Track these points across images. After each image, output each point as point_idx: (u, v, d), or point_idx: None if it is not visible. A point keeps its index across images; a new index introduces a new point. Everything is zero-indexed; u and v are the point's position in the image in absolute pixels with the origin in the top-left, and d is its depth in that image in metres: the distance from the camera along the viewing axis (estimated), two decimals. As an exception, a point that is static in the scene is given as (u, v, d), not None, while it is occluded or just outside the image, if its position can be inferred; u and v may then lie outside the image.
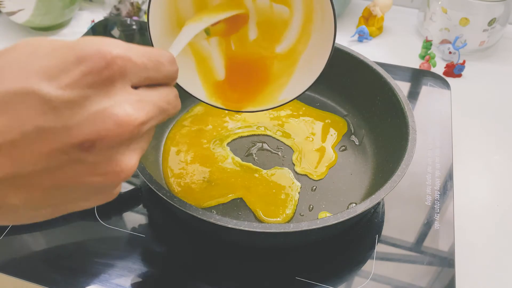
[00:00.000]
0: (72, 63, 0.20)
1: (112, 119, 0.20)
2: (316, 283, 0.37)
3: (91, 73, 0.20)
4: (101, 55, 0.20)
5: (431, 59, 0.63)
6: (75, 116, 0.20)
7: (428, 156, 0.47)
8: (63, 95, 0.19)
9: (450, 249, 0.39)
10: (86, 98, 0.20)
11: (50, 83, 0.19)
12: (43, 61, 0.20)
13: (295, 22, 0.37)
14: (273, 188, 0.44)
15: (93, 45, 0.21)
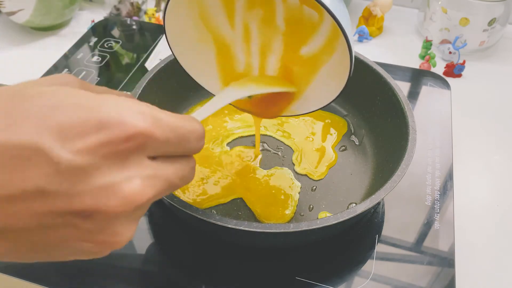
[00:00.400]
0: (91, 128, 0.19)
1: (117, 195, 0.19)
2: (316, 283, 0.37)
3: (108, 144, 0.19)
4: (124, 128, 0.19)
5: (431, 59, 0.63)
6: (80, 184, 0.19)
7: (428, 156, 0.47)
8: (73, 161, 0.18)
9: (450, 249, 0.39)
10: (96, 168, 0.19)
11: (64, 145, 0.18)
12: (61, 117, 0.18)
13: (323, 28, 0.36)
14: (273, 188, 0.44)
15: (118, 111, 0.19)
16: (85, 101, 0.19)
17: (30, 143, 0.18)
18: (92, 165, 0.19)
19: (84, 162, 0.18)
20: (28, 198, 0.18)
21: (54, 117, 0.18)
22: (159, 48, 0.63)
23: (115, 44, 0.64)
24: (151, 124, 0.20)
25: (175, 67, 0.48)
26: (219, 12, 0.36)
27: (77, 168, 0.18)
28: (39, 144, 0.18)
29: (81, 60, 0.61)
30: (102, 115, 0.19)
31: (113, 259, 0.38)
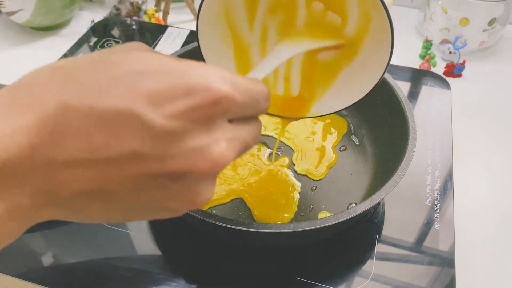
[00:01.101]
0: (180, 93, 0.19)
1: (207, 158, 0.20)
2: (316, 283, 0.37)
3: (197, 108, 0.20)
4: (211, 92, 0.20)
5: (431, 59, 0.63)
6: (172, 147, 0.19)
7: (428, 156, 0.47)
8: (166, 125, 0.19)
9: (450, 249, 0.39)
10: (186, 132, 0.20)
11: (156, 110, 0.19)
12: (151, 83, 0.19)
13: (346, 30, 0.35)
14: (273, 188, 0.44)
15: (204, 77, 0.20)
16: (171, 67, 0.20)
17: (125, 108, 0.18)
18: (183, 129, 0.20)
19: (176, 126, 0.19)
20: (124, 161, 0.19)
21: (144, 83, 0.19)
22: (159, 48, 0.63)
23: (115, 44, 0.64)
24: (232, 88, 0.21)
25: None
26: (241, 11, 0.36)
27: (170, 132, 0.19)
28: (133, 109, 0.18)
29: (81, 60, 0.61)
30: (190, 80, 0.20)
31: (113, 259, 0.38)
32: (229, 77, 0.21)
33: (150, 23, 0.70)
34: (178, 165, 0.20)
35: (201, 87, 0.20)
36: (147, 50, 0.22)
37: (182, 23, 0.73)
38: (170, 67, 0.20)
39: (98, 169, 0.19)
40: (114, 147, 0.19)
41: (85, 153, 0.18)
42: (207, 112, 0.20)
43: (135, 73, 0.19)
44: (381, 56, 0.33)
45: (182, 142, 0.20)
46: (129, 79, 0.19)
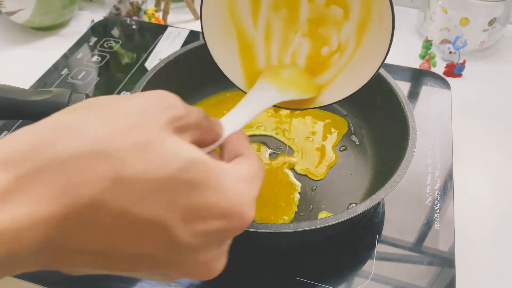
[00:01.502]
0: (215, 215, 0.20)
1: (210, 271, 0.22)
2: (316, 283, 0.37)
3: (224, 232, 0.20)
4: (242, 221, 0.21)
5: (431, 59, 0.63)
6: (185, 258, 0.20)
7: (428, 156, 0.47)
8: (191, 242, 0.19)
9: (450, 249, 0.39)
10: (203, 248, 0.20)
11: (186, 226, 0.19)
12: (193, 199, 0.19)
13: (349, 23, 0.37)
14: (273, 188, 0.44)
15: (239, 202, 0.21)
16: (214, 183, 0.20)
17: (160, 220, 0.18)
18: (203, 246, 0.20)
19: (198, 243, 0.20)
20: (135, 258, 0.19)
21: (187, 198, 0.19)
22: (159, 48, 0.63)
23: (115, 44, 0.64)
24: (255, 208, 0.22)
25: (175, 66, 0.48)
26: (245, 6, 0.37)
27: (190, 247, 0.20)
28: (167, 222, 0.18)
29: (81, 60, 0.61)
30: (227, 204, 0.20)
31: (113, 259, 0.38)
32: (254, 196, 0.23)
33: (150, 23, 0.70)
34: (180, 271, 0.21)
35: (236, 214, 0.21)
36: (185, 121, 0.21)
37: (182, 23, 0.73)
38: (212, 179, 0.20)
39: (109, 259, 0.19)
40: (134, 248, 0.19)
41: (103, 247, 0.18)
42: (230, 235, 0.21)
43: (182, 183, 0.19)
44: (383, 39, 0.34)
45: (195, 255, 0.20)
46: (174, 189, 0.18)
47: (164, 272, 0.21)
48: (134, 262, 0.19)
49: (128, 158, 0.18)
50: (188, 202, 0.19)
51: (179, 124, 0.20)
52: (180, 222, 0.19)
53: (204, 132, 0.23)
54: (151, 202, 0.18)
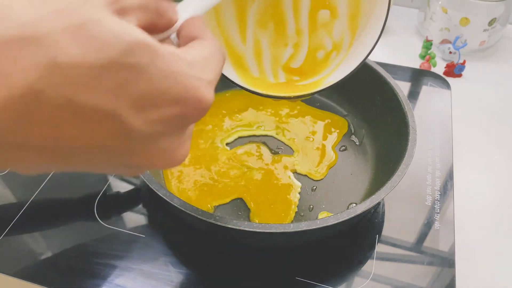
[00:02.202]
0: (168, 101, 0.19)
1: (172, 159, 0.21)
2: (316, 283, 0.37)
3: (181, 117, 0.20)
4: (199, 104, 0.20)
5: (431, 59, 0.63)
6: (143, 147, 0.19)
7: (428, 156, 0.47)
8: (145, 129, 0.18)
9: (450, 249, 0.39)
10: (161, 135, 0.20)
11: (139, 113, 0.18)
12: (141, 85, 0.18)
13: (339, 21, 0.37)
14: (273, 188, 0.44)
15: (195, 87, 0.20)
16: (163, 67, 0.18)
17: (107, 108, 0.17)
18: (159, 133, 0.19)
19: (154, 130, 0.19)
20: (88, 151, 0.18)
21: (134, 84, 0.18)
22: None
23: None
24: (213, 93, 0.21)
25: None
26: (232, 24, 0.37)
27: (146, 135, 0.19)
28: (116, 110, 0.17)
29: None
30: (180, 89, 0.19)
31: (113, 259, 0.38)
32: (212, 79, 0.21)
33: (150, 23, 0.70)
34: (140, 162, 0.20)
35: (191, 98, 0.19)
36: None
37: (182, 23, 0.73)
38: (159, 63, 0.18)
39: (57, 154, 0.18)
40: (85, 139, 0.18)
41: (49, 142, 0.17)
42: (189, 120, 0.20)
43: (126, 67, 0.17)
44: (379, 13, 0.33)
45: (154, 143, 0.20)
46: (118, 74, 0.17)
47: (125, 163, 0.20)
48: (89, 155, 0.19)
49: (63, 42, 0.16)
50: (136, 89, 0.18)
51: (120, 5, 0.19)
52: (131, 110, 0.18)
53: (152, 15, 0.21)
54: (94, 89, 0.17)
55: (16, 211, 0.41)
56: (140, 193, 0.44)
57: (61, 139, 0.17)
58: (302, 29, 0.38)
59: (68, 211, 0.42)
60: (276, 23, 0.38)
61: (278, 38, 0.38)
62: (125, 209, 0.42)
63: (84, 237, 0.39)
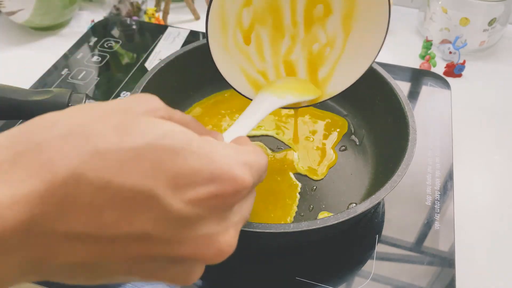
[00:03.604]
0: (203, 179, 0.19)
1: (215, 247, 0.20)
2: (316, 283, 0.37)
3: (217, 197, 0.19)
4: (235, 182, 0.20)
5: (431, 59, 0.63)
6: (184, 233, 0.19)
7: (428, 156, 0.47)
8: (183, 210, 0.18)
9: (450, 249, 0.39)
10: (201, 219, 0.19)
11: (176, 193, 0.18)
12: (176, 165, 0.18)
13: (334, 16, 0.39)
14: (273, 188, 0.44)
15: (228, 164, 0.20)
16: (197, 148, 0.19)
17: (145, 189, 0.17)
18: (199, 216, 0.19)
19: (193, 212, 0.19)
20: (130, 241, 0.18)
21: (169, 163, 0.18)
22: (159, 48, 0.63)
23: (115, 44, 0.64)
24: (250, 175, 0.21)
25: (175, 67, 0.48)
26: (232, 22, 0.38)
27: (185, 217, 0.18)
28: (153, 190, 0.17)
29: (81, 60, 0.61)
30: (215, 166, 0.19)
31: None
32: (247, 161, 0.21)
33: (150, 23, 0.70)
34: (184, 251, 0.19)
35: (226, 176, 0.19)
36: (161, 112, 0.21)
37: (182, 23, 0.73)
38: (195, 146, 0.19)
39: (100, 245, 0.18)
40: (125, 226, 0.17)
41: (91, 229, 0.17)
42: (226, 201, 0.20)
43: (161, 149, 0.18)
44: (379, 20, 0.35)
45: (194, 228, 0.19)
46: (154, 155, 0.18)
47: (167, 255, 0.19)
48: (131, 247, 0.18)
49: (104, 133, 0.18)
50: (172, 168, 0.18)
51: (159, 114, 0.20)
52: (168, 189, 0.18)
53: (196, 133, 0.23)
54: (132, 171, 0.17)
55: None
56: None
57: (104, 225, 0.17)
58: (298, 21, 0.40)
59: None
60: (274, 17, 0.39)
61: (276, 31, 0.40)
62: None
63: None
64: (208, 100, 0.53)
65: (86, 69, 0.59)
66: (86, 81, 0.57)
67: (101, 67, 0.60)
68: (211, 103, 0.52)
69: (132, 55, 0.62)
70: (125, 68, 0.60)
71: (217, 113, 0.51)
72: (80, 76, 0.58)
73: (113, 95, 0.55)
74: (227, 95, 0.53)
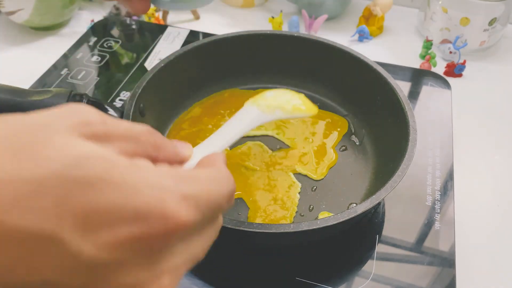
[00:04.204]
0: (124, 218, 0.15)
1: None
2: (316, 283, 0.37)
3: (143, 240, 0.15)
4: (165, 221, 0.16)
5: (432, 59, 0.63)
6: (101, 282, 0.15)
7: (428, 156, 0.47)
8: (97, 257, 0.15)
9: (450, 250, 0.39)
10: (122, 265, 0.15)
11: (87, 235, 0.15)
12: (89, 200, 0.15)
13: None
14: (273, 188, 0.44)
15: (159, 197, 0.16)
16: (120, 178, 0.15)
17: (45, 231, 0.14)
18: (119, 262, 0.15)
19: (109, 258, 0.15)
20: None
21: (80, 198, 0.15)
22: (159, 48, 0.63)
23: (114, 44, 0.64)
24: (194, 210, 0.17)
25: (174, 66, 0.48)
26: None
27: (100, 264, 0.15)
28: (56, 233, 0.14)
29: (80, 60, 0.61)
30: (140, 201, 0.15)
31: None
32: (192, 193, 0.17)
33: (150, 22, 0.70)
34: None
35: (154, 213, 0.15)
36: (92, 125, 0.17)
37: (182, 23, 0.73)
38: (116, 175, 0.15)
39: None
40: (22, 274, 0.14)
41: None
42: (154, 244, 0.16)
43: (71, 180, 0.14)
44: None
45: (115, 276, 0.15)
46: (60, 188, 0.14)
47: None
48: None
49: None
50: (82, 205, 0.14)
51: (90, 130, 0.16)
52: (75, 231, 0.14)
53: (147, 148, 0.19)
54: (29, 208, 0.14)
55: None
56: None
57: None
58: None
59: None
60: None
61: None
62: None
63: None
64: (208, 100, 0.53)
65: (86, 69, 0.59)
66: (85, 81, 0.57)
67: (100, 67, 0.60)
68: (210, 103, 0.52)
69: (132, 55, 0.62)
70: (125, 68, 0.60)
71: (216, 113, 0.51)
72: (80, 76, 0.58)
73: (113, 95, 0.55)
74: (227, 95, 0.53)
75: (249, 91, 0.54)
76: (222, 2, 0.77)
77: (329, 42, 0.50)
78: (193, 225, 0.17)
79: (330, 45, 0.50)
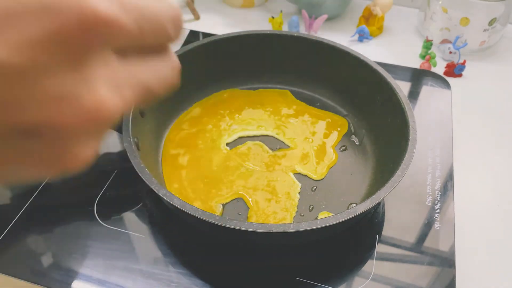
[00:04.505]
0: (33, 13, 0.13)
1: (75, 108, 0.14)
2: (316, 283, 0.37)
3: (56, 36, 0.13)
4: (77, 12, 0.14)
5: (432, 59, 0.63)
6: (21, 92, 0.13)
7: (428, 156, 0.47)
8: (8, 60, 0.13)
9: (450, 250, 0.39)
10: (42, 70, 0.14)
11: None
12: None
13: None
14: (273, 188, 0.44)
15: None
16: None
17: None
18: (36, 66, 0.13)
19: (24, 61, 0.13)
20: None
21: None
22: (159, 48, 0.63)
23: (115, 44, 0.64)
24: (116, 8, 0.15)
25: (175, 67, 0.48)
26: None
27: (15, 70, 0.13)
28: None
29: (81, 60, 0.61)
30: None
31: (113, 259, 0.38)
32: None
33: (150, 23, 0.70)
34: (30, 116, 0.14)
35: (65, 4, 0.13)
36: None
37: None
38: None
39: None
40: None
41: None
42: (71, 42, 0.14)
43: None
44: None
45: (36, 85, 0.14)
46: None
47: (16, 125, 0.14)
48: None
49: None
50: None
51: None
52: None
53: None
54: None
55: (16, 212, 0.41)
56: (140, 193, 0.44)
57: None
58: None
59: (68, 211, 0.42)
60: None
61: None
62: (125, 209, 0.42)
63: (84, 237, 0.39)
64: (208, 100, 0.53)
65: (86, 69, 0.59)
66: None
67: (101, 67, 0.60)
68: (210, 103, 0.52)
69: (132, 55, 0.62)
70: (125, 68, 0.60)
71: (216, 113, 0.51)
72: (80, 76, 0.58)
73: (113, 95, 0.55)
74: (226, 96, 0.53)
75: (249, 91, 0.54)
76: (222, 2, 0.77)
77: (329, 42, 0.50)
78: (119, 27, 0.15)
79: (330, 45, 0.50)
